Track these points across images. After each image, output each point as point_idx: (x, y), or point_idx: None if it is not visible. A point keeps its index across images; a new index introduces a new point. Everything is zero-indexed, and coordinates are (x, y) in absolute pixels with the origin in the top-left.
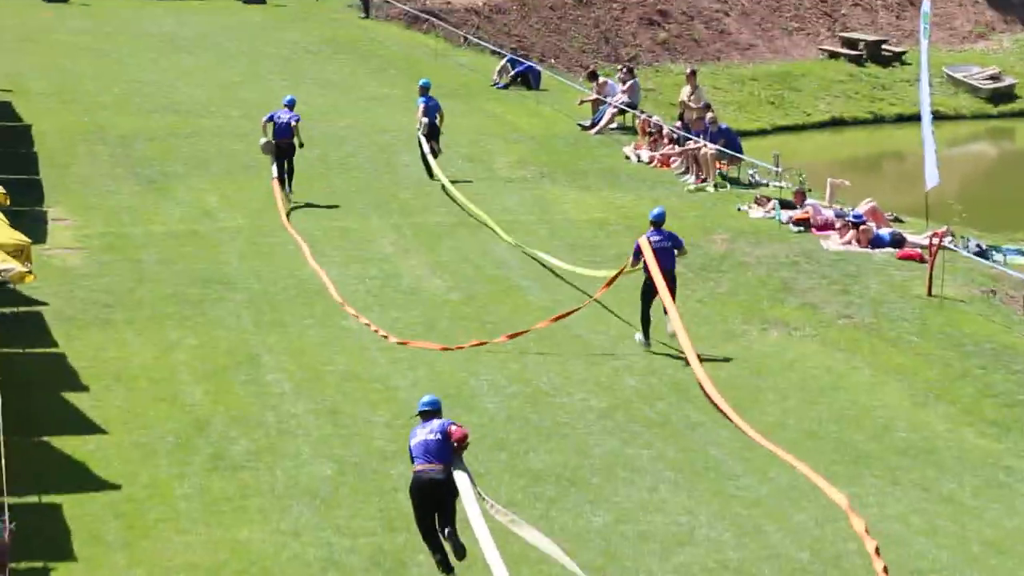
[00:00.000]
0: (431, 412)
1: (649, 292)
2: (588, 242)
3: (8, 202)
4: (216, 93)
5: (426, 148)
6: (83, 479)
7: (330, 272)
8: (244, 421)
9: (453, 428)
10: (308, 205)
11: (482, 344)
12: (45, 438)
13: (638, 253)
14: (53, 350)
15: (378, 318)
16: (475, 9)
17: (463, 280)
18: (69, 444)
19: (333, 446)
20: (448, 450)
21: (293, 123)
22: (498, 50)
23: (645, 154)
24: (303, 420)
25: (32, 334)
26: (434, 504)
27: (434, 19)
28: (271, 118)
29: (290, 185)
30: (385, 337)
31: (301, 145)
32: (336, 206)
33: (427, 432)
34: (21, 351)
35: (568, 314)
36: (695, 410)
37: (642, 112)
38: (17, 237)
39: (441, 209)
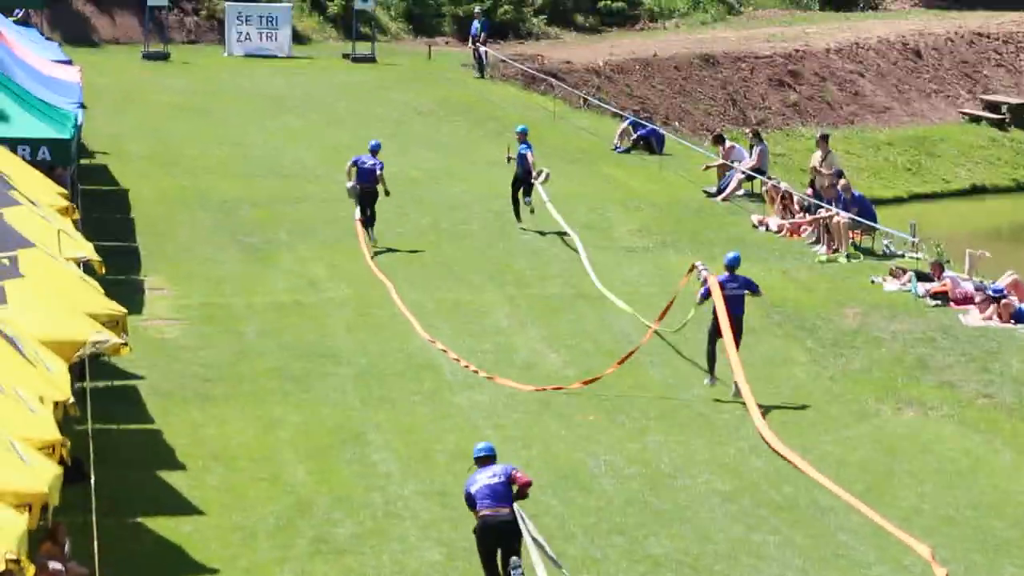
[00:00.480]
0: (488, 458)
1: (716, 332)
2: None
3: (104, 271)
4: (323, 156)
5: (540, 188)
6: (179, 563)
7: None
8: (349, 502)
9: (518, 474)
10: (417, 275)
11: (558, 389)
12: (139, 519)
13: (707, 294)
14: (149, 427)
15: (491, 395)
16: (595, 69)
17: (581, 355)
18: (165, 526)
19: (442, 530)
20: (511, 494)
21: (378, 171)
22: (619, 112)
23: (774, 223)
24: (411, 502)
25: (127, 409)
26: (501, 545)
27: (552, 79)
28: (355, 162)
29: (372, 231)
30: (467, 368)
31: (387, 193)
32: (448, 276)
33: (489, 476)
34: (115, 427)
35: (631, 353)
36: (824, 494)
37: (771, 178)
38: (112, 307)
39: (558, 280)
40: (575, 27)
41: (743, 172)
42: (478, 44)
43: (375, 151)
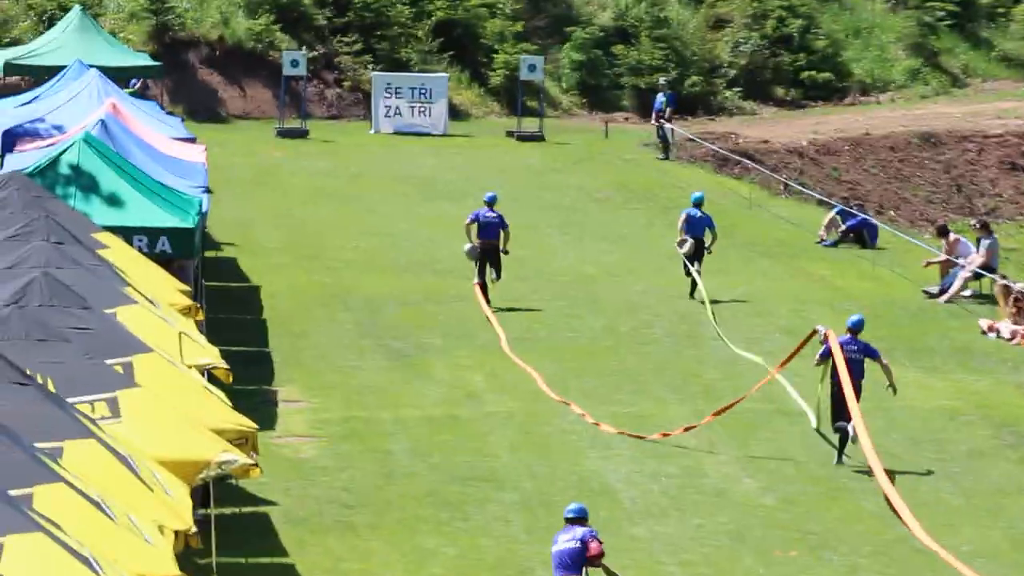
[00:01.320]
0: (576, 519)
1: (839, 399)
2: (934, 435)
3: (231, 380)
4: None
5: (692, 270)
6: None
7: (618, 470)
8: None
9: (593, 544)
10: (592, 386)
11: (691, 428)
12: None
13: (827, 354)
14: (282, 560)
15: (675, 526)
16: (798, 150)
17: (780, 480)
18: None
19: None
20: (582, 561)
21: (503, 231)
22: (826, 199)
23: (1006, 328)
24: None
25: (257, 539)
26: None
27: (748, 161)
28: (476, 218)
29: (488, 294)
30: (590, 421)
31: (506, 252)
32: (627, 388)
33: (568, 539)
34: (243, 561)
35: (741, 399)
36: None
37: (1002, 277)
38: (241, 423)
39: (754, 393)
40: (774, 101)
41: (970, 269)
42: (662, 120)
43: (492, 203)
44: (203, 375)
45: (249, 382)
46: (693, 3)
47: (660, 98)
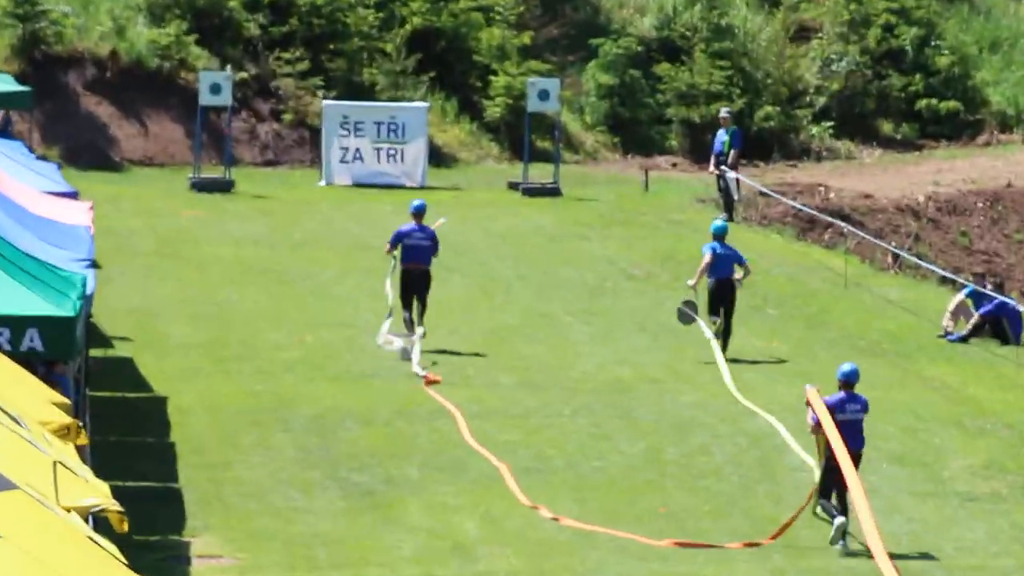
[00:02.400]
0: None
1: (832, 474)
2: None
3: (126, 527)
4: (479, 343)
5: (708, 333)
6: None
7: None
8: None
9: None
10: (628, 532)
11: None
12: None
13: (817, 423)
14: None
15: None
16: (912, 207)
17: None
18: None
19: None
20: None
21: (434, 245)
22: (951, 276)
23: None
24: None
25: None
26: None
27: (843, 224)
28: (400, 236)
29: (417, 332)
30: None
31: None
32: (676, 537)
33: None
34: None
35: (795, 515)
36: None
37: None
38: None
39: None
40: (879, 141)
41: None
42: (724, 167)
43: (421, 213)
44: (87, 521)
45: (151, 530)
46: (767, 5)
47: (721, 136)
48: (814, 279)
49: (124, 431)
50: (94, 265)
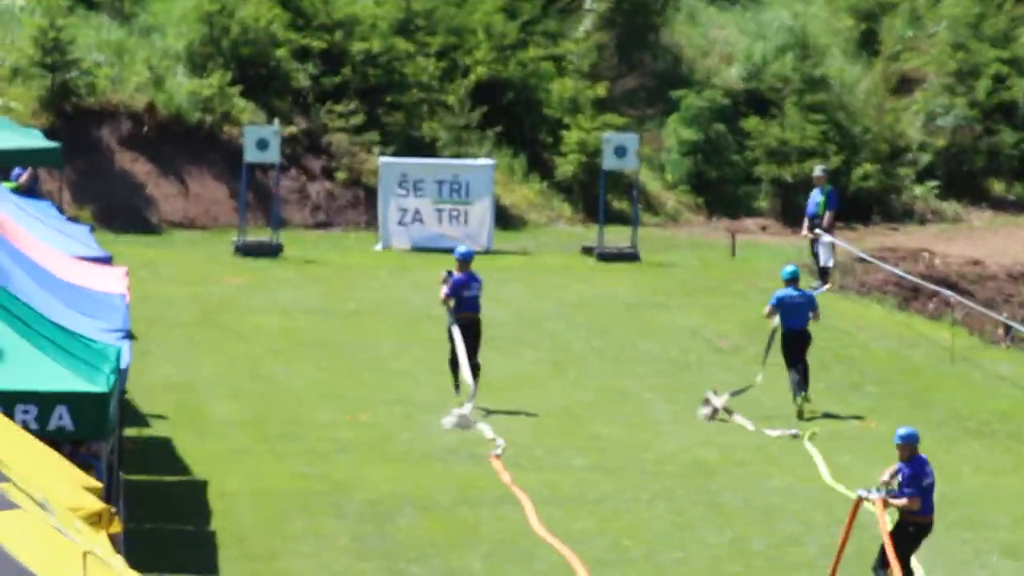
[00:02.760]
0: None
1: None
2: None
3: None
4: (550, 422)
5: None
6: None
7: None
8: None
9: None
10: None
11: None
12: None
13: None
14: None
15: None
16: None
17: None
18: None
19: None
20: None
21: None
22: None
23: None
24: None
25: None
26: None
27: (950, 293)
28: (455, 284)
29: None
30: None
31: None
32: None
33: None
34: None
35: None
36: None
37: None
38: None
39: None
40: (989, 202)
41: None
42: (819, 231)
43: (469, 260)
44: None
45: None
46: (865, 55)
47: (816, 197)
48: (917, 353)
49: (161, 518)
50: (129, 336)
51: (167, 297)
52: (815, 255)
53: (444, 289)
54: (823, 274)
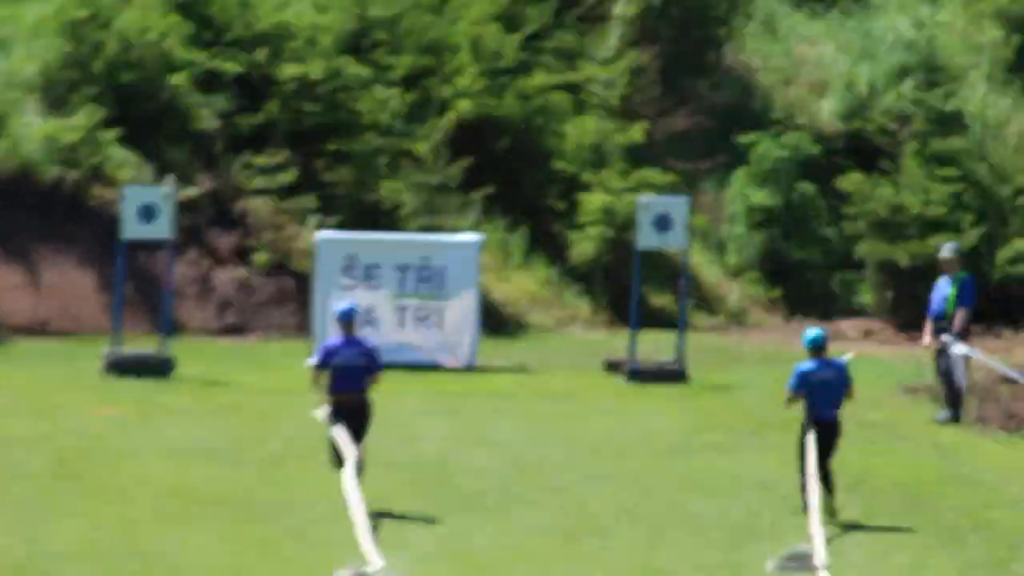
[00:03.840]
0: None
1: None
2: None
3: None
4: None
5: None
6: None
7: None
8: None
9: None
10: None
11: None
12: None
13: None
14: None
15: None
16: None
17: None
18: None
19: None
20: None
21: (374, 364)
22: None
23: None
24: None
25: None
26: None
27: None
28: (328, 354)
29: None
30: None
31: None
32: None
33: None
34: None
35: None
36: None
37: None
38: None
39: None
40: None
41: None
42: (947, 337)
43: (351, 318)
44: None
45: None
46: (1020, 83)
47: (943, 289)
48: None
49: None
50: None
51: (7, 437)
52: (942, 373)
53: (311, 360)
54: (954, 400)
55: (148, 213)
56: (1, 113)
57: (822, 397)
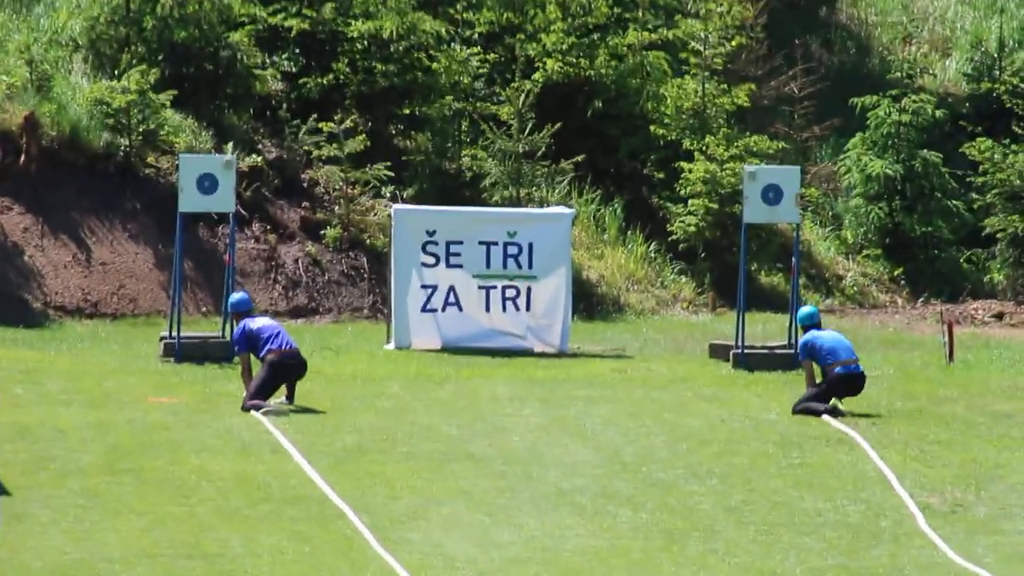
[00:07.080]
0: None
1: None
2: None
3: None
4: None
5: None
6: None
7: None
8: None
9: None
10: None
11: None
12: None
13: None
14: None
15: None
16: None
17: None
18: None
19: None
20: None
21: None
22: None
23: None
24: None
25: None
26: None
27: None
28: (243, 335)
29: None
30: None
31: None
32: None
33: None
34: None
35: None
36: None
37: None
38: None
39: None
40: None
41: None
42: None
43: (242, 311)
44: None
45: None
46: None
47: None
48: None
49: None
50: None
51: (55, 428)
52: None
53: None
54: None
55: (207, 184)
56: (45, 74)
57: (842, 352)
